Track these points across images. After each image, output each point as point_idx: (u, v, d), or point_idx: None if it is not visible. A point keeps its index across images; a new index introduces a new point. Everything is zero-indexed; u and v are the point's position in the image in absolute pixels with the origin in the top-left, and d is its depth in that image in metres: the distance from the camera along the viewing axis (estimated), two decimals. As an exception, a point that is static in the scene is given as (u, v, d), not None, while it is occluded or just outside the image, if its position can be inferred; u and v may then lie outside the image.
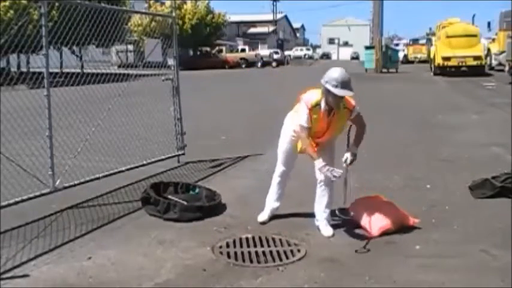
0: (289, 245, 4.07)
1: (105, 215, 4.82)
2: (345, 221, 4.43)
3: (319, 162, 4.17)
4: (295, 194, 5.32)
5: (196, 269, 3.65)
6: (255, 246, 4.05)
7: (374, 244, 4.06)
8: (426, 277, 3.48)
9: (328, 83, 4.00)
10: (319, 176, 4.36)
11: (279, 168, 4.60)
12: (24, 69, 17.79)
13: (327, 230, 4.33)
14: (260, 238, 4.20)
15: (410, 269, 3.61)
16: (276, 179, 4.64)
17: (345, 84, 4.00)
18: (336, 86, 3.97)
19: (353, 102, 4.22)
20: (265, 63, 43.50)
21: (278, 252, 3.93)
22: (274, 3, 74.87)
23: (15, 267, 3.65)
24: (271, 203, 4.65)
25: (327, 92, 4.04)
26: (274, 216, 4.59)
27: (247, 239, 4.20)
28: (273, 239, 4.18)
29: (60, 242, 4.14)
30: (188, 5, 43.71)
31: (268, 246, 4.05)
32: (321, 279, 3.47)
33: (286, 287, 3.40)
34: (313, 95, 4.17)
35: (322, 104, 4.13)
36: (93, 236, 4.32)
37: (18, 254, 3.88)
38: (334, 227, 4.42)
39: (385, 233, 4.18)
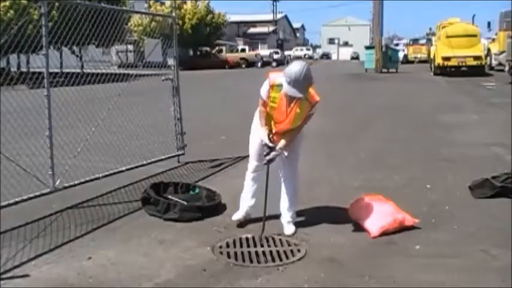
0: (289, 245, 4.07)
1: (105, 215, 4.82)
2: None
3: (264, 130, 4.17)
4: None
5: (196, 269, 3.65)
6: (255, 246, 4.05)
7: (374, 244, 4.06)
8: (426, 277, 3.48)
9: (285, 75, 3.97)
10: (282, 174, 4.37)
11: (251, 164, 4.56)
12: (24, 69, 17.79)
13: (289, 229, 4.32)
14: (260, 238, 4.20)
15: (410, 269, 3.61)
16: (249, 175, 4.58)
17: (296, 83, 3.91)
18: (289, 83, 3.93)
19: (317, 97, 4.14)
20: (265, 63, 43.51)
21: (278, 252, 3.92)
22: (274, 3, 74.91)
23: (15, 267, 3.65)
24: (247, 200, 4.55)
25: None
26: (273, 216, 4.54)
27: (247, 239, 4.20)
28: (273, 239, 4.18)
29: (60, 242, 4.14)
30: (188, 5, 43.70)
31: (268, 246, 4.05)
32: (321, 279, 3.47)
33: (286, 287, 3.40)
34: (279, 77, 4.10)
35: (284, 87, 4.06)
36: (93, 236, 4.32)
37: (18, 254, 3.88)
38: (334, 227, 4.42)
39: (385, 233, 4.18)
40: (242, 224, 4.50)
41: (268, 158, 4.18)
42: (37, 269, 3.63)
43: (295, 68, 3.96)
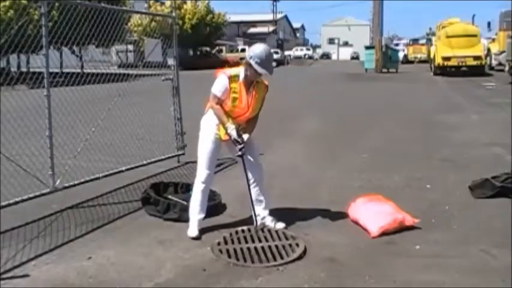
0: (286, 238, 4.08)
1: (105, 215, 4.82)
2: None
3: (230, 126, 4.12)
4: (293, 193, 5.33)
5: (196, 269, 3.65)
6: (253, 241, 4.04)
7: (374, 244, 4.06)
8: (426, 277, 3.48)
9: (252, 58, 4.08)
10: (251, 176, 4.35)
11: (203, 173, 4.31)
12: (24, 69, 17.78)
13: (278, 224, 4.33)
14: (256, 230, 4.20)
15: (410, 269, 3.61)
16: (199, 186, 4.31)
17: (267, 61, 4.09)
18: (259, 64, 4.06)
19: (266, 81, 4.35)
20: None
21: (277, 247, 3.91)
22: (274, 3, 74.97)
23: (15, 267, 3.65)
24: (196, 215, 4.32)
25: (248, 67, 4.12)
26: (273, 216, 4.56)
27: (243, 231, 4.23)
28: (270, 232, 4.20)
29: (60, 242, 4.14)
30: (188, 5, 43.71)
31: (267, 240, 4.05)
32: (321, 279, 3.47)
33: (286, 287, 3.40)
34: (232, 69, 4.27)
35: (241, 75, 4.18)
36: (93, 236, 4.32)
37: (18, 254, 3.88)
38: (334, 227, 4.42)
39: (385, 233, 4.18)
40: (199, 237, 4.24)
41: (241, 153, 4.19)
42: (37, 269, 3.63)
43: (261, 47, 4.18)
